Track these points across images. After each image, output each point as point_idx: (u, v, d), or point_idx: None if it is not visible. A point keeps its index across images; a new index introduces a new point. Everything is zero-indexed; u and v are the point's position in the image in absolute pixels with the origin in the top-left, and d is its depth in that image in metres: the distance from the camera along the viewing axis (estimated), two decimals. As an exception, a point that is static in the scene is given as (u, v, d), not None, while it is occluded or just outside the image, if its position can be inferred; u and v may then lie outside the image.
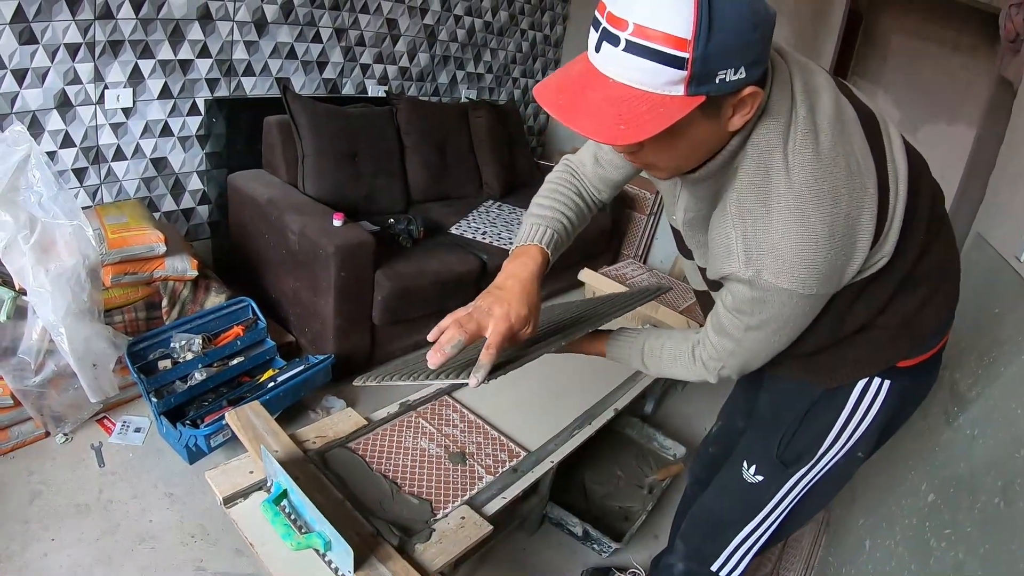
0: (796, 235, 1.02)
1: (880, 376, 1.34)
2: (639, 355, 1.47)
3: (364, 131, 3.51)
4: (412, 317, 3.20)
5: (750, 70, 0.90)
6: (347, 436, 2.02)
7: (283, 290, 3.12)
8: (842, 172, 1.04)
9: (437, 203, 3.92)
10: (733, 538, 1.62)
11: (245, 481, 1.75)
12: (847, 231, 1.05)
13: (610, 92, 0.92)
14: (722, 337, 1.25)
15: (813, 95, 1.07)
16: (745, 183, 1.06)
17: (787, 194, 1.02)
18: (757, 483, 1.52)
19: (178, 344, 2.59)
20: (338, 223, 2.88)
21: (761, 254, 1.05)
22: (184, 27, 3.04)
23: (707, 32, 0.84)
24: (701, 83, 0.88)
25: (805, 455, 1.45)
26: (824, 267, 1.04)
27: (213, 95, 3.28)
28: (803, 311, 1.12)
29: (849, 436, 1.40)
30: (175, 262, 2.67)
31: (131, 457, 2.44)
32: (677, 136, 0.96)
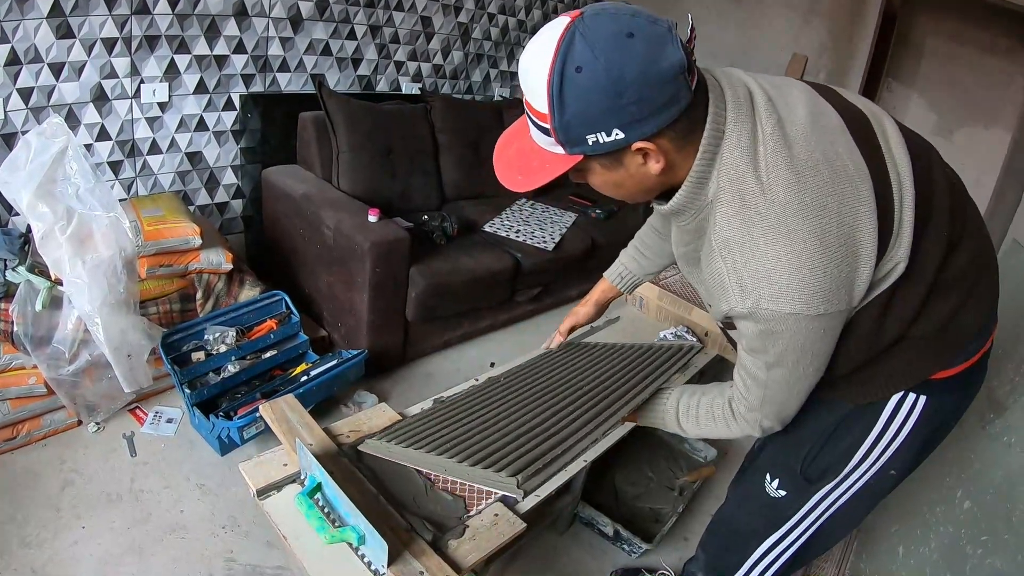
0: (786, 255, 0.99)
1: (915, 391, 1.26)
2: (674, 417, 1.47)
3: (398, 128, 3.50)
4: (445, 315, 3.19)
5: (629, 130, 0.96)
6: (381, 431, 1.97)
7: (317, 285, 3.12)
8: (825, 179, 1.01)
9: (471, 201, 3.91)
10: (754, 550, 1.58)
11: (279, 474, 1.74)
12: (844, 239, 1.01)
13: (522, 145, 1.07)
14: (749, 384, 1.23)
15: (783, 109, 1.07)
16: (724, 215, 1.05)
17: (767, 214, 1.00)
18: (780, 498, 1.48)
19: (212, 336, 2.58)
20: (374, 219, 2.87)
21: (756, 282, 1.02)
22: (220, 23, 3.05)
23: (559, 107, 0.95)
24: (573, 145, 1.00)
25: (830, 472, 1.39)
26: (825, 282, 1.00)
27: (248, 91, 3.29)
28: (818, 335, 1.07)
29: (880, 454, 1.33)
30: (210, 255, 2.67)
31: (163, 448, 2.45)
32: (600, 179, 1.09)
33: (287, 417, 1.91)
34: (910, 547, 1.89)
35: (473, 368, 3.22)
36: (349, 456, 1.84)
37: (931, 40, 4.78)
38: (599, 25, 0.93)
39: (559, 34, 0.94)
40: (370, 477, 1.77)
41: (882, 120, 1.16)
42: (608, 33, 0.92)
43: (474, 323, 3.44)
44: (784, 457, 1.39)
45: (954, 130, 4.76)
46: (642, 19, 0.94)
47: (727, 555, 1.66)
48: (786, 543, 1.52)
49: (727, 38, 4.53)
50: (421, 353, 3.26)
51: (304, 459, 1.67)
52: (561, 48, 0.93)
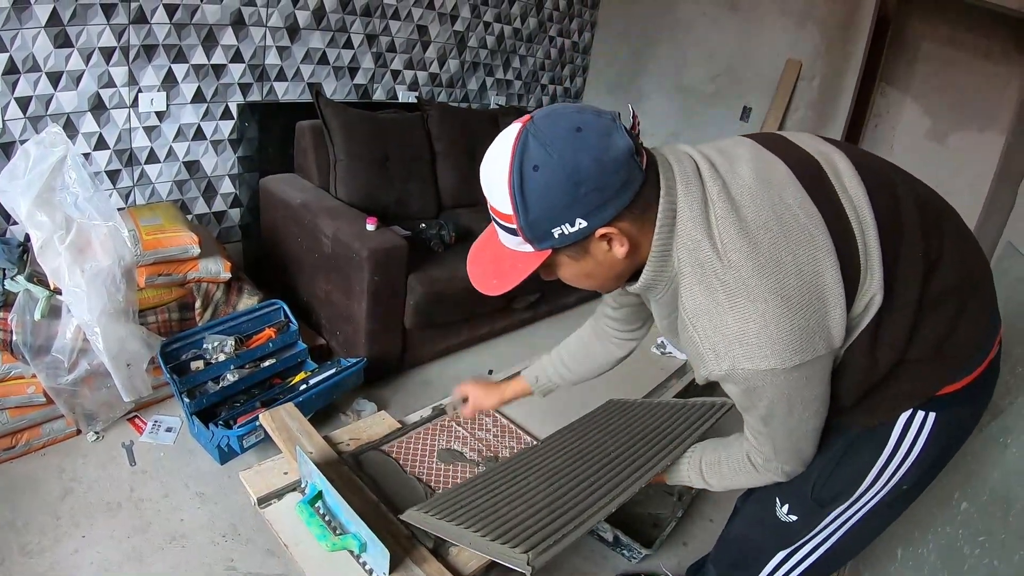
0: (751, 315, 1.01)
1: (924, 408, 1.23)
2: (699, 474, 1.49)
3: (395, 136, 3.49)
4: (444, 322, 3.19)
5: (591, 218, 1.00)
6: (381, 439, 2.02)
7: (315, 293, 3.11)
8: (776, 235, 1.04)
9: (468, 209, 3.88)
10: (765, 566, 1.56)
11: (279, 482, 1.75)
12: (807, 289, 1.03)
13: (494, 250, 1.13)
14: (758, 436, 1.25)
15: (726, 172, 1.11)
16: (688, 285, 1.07)
17: (727, 278, 1.03)
18: (791, 522, 1.46)
19: (211, 345, 2.59)
20: (371, 227, 2.86)
21: (728, 346, 1.04)
22: (217, 32, 3.05)
23: (523, 206, 0.99)
24: (541, 241, 1.03)
25: (842, 495, 1.37)
26: (795, 334, 1.02)
27: (246, 99, 3.29)
28: (801, 383, 1.08)
29: (892, 475, 1.30)
30: (208, 264, 2.67)
31: (162, 456, 2.44)
32: (570, 271, 1.12)
33: (287, 425, 1.93)
34: (908, 549, 1.87)
35: (471, 375, 3.11)
36: (350, 464, 1.86)
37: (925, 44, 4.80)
38: (549, 125, 0.98)
39: (513, 139, 0.99)
40: (371, 485, 1.79)
41: (832, 159, 1.17)
42: (559, 131, 0.98)
43: (472, 330, 3.44)
44: (794, 482, 1.35)
45: (948, 134, 4.79)
46: (588, 114, 1.00)
47: (738, 571, 1.66)
48: (798, 557, 1.50)
49: (723, 45, 4.55)
50: (419, 360, 3.25)
51: (305, 467, 1.67)
52: (517, 151, 0.98)
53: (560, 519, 1.38)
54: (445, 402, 1.96)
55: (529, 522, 1.38)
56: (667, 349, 2.97)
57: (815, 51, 4.24)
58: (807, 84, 4.32)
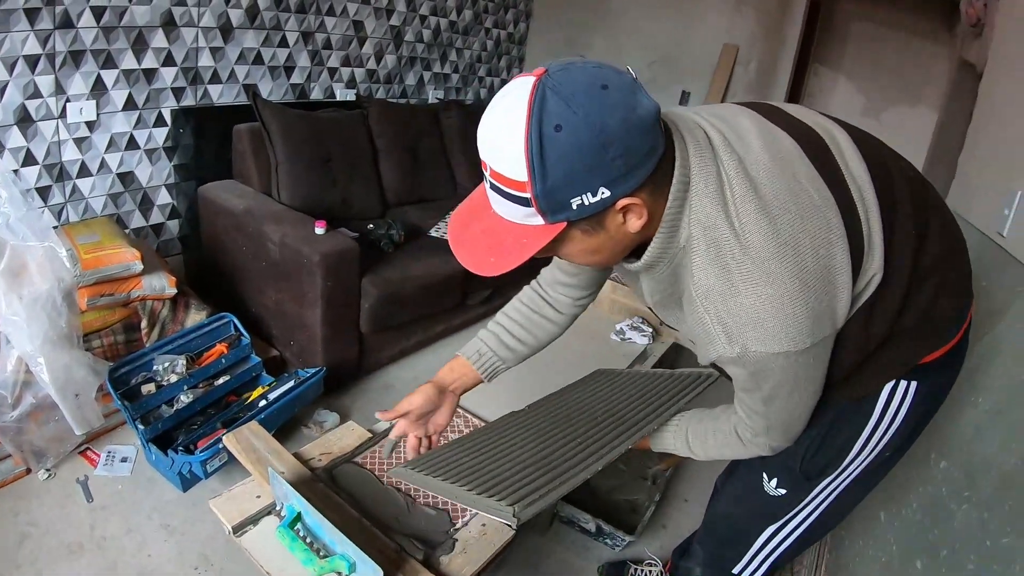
0: (768, 298, 0.98)
1: (907, 378, 1.25)
2: (684, 442, 1.47)
3: (336, 136, 3.44)
4: (400, 323, 3.15)
5: (615, 186, 0.91)
6: (353, 451, 1.94)
7: (264, 303, 3.02)
8: (794, 216, 1.00)
9: (413, 206, 3.88)
10: (754, 541, 1.57)
11: (253, 507, 1.66)
12: (821, 273, 1.01)
13: (488, 223, 1.01)
14: (750, 415, 1.23)
15: (739, 145, 1.05)
16: (700, 265, 1.02)
17: (745, 260, 0.99)
18: (779, 496, 1.47)
19: (161, 366, 2.46)
20: (321, 231, 2.80)
21: (741, 328, 1.00)
22: (147, 35, 2.92)
23: (541, 172, 0.88)
24: (556, 212, 0.93)
25: (830, 467, 1.38)
26: (810, 317, 1.00)
27: (179, 104, 3.17)
28: (808, 364, 1.07)
29: (877, 444, 1.33)
30: (152, 280, 2.55)
31: (120, 489, 2.31)
32: (577, 247, 1.03)
33: (253, 446, 1.84)
34: (891, 510, 1.90)
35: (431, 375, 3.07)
36: (324, 481, 1.79)
37: (855, 25, 4.96)
38: (570, 79, 0.89)
39: (528, 93, 0.88)
40: (349, 501, 1.72)
41: (834, 134, 1.15)
42: (582, 86, 0.88)
43: (428, 329, 3.41)
44: (781, 457, 1.36)
45: (882, 111, 4.94)
46: (609, 70, 0.91)
47: (726, 549, 1.65)
48: (787, 531, 1.52)
49: (659, 31, 4.59)
50: (378, 364, 3.22)
51: (279, 489, 1.59)
52: (534, 107, 0.87)
53: (547, 475, 1.34)
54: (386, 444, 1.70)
55: (516, 478, 1.33)
56: (626, 336, 2.95)
57: (751, 35, 4.32)
58: (744, 68, 4.39)
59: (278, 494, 1.62)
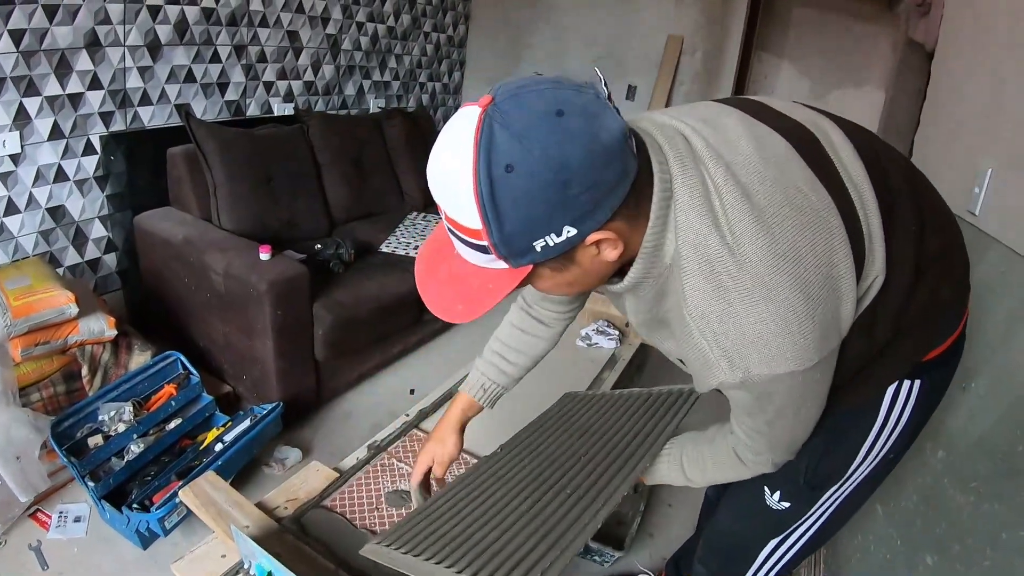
0: (770, 315, 0.90)
1: (909, 377, 1.19)
2: (680, 472, 1.41)
3: (276, 153, 3.31)
4: (356, 347, 3.05)
5: (582, 223, 0.83)
6: (320, 494, 1.84)
7: (212, 337, 2.88)
8: (792, 223, 0.92)
9: (361, 221, 3.79)
10: (757, 555, 1.51)
11: (219, 568, 1.55)
12: (824, 282, 0.93)
13: (452, 266, 0.94)
14: (751, 436, 1.17)
15: (726, 149, 0.97)
16: (693, 286, 0.93)
17: (741, 277, 0.90)
18: (783, 509, 1.40)
19: (107, 416, 2.29)
20: (266, 256, 2.67)
21: (742, 351, 0.92)
22: (71, 57, 2.74)
23: (495, 218, 0.81)
24: (519, 257, 0.86)
25: (835, 475, 1.32)
26: (816, 331, 0.92)
27: (108, 130, 2.99)
28: (816, 379, 1.00)
29: (882, 446, 1.27)
30: (90, 323, 2.38)
31: (76, 552, 2.13)
32: (550, 282, 0.95)
33: (212, 499, 1.74)
34: (889, 504, 1.89)
35: (392, 398, 3.12)
36: (293, 531, 1.68)
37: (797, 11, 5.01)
38: (520, 109, 0.79)
39: (472, 129, 0.79)
40: (322, 550, 1.63)
41: (826, 129, 1.08)
42: (535, 116, 0.78)
43: (386, 351, 3.32)
44: (783, 470, 1.29)
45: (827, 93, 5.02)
46: (567, 91, 0.81)
47: (730, 566, 1.60)
48: (791, 541, 1.47)
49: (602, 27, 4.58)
50: (336, 392, 3.10)
51: (245, 546, 1.48)
52: (481, 147, 0.78)
53: (543, 541, 1.22)
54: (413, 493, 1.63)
55: (509, 548, 1.21)
56: (592, 341, 2.91)
57: (695, 25, 4.33)
58: (690, 58, 4.39)
59: (244, 552, 1.50)
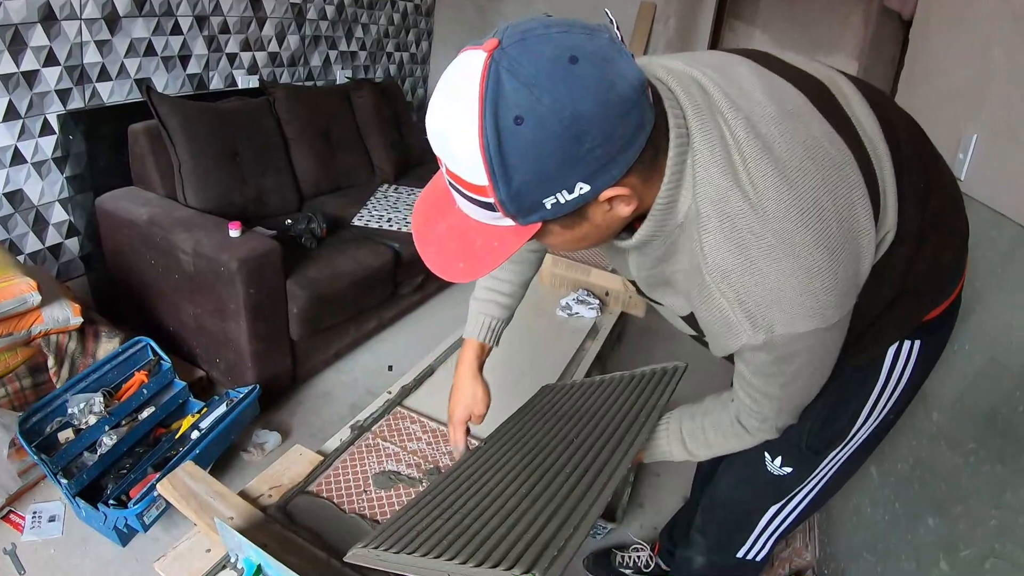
0: (794, 272, 0.87)
1: (909, 338, 1.19)
2: (681, 445, 1.36)
3: (242, 127, 3.21)
4: (332, 324, 2.99)
5: (596, 179, 0.78)
6: (305, 479, 1.76)
7: (182, 320, 2.79)
8: (814, 176, 0.89)
9: (330, 195, 3.73)
10: (758, 523, 1.50)
11: (204, 564, 1.48)
12: (845, 236, 0.91)
13: (454, 222, 0.89)
14: (759, 402, 1.13)
15: (742, 99, 0.92)
16: (713, 245, 0.90)
17: (764, 234, 0.87)
18: (785, 474, 1.39)
19: (76, 408, 2.20)
20: (236, 233, 2.58)
21: (765, 310, 0.90)
22: (25, 32, 2.60)
23: (503, 174, 0.76)
24: (528, 214, 0.81)
25: (837, 439, 1.32)
26: (838, 288, 0.90)
27: (66, 108, 2.85)
28: (834, 338, 0.98)
29: (883, 408, 1.27)
30: (54, 311, 2.27)
31: (53, 553, 2.04)
32: (559, 239, 0.91)
33: (192, 490, 1.64)
34: (883, 466, 1.90)
35: (370, 376, 3.11)
36: (279, 519, 1.61)
37: None
38: (529, 55, 0.72)
39: (477, 77, 0.73)
40: (311, 538, 1.56)
41: (838, 82, 1.04)
42: (545, 63, 0.72)
43: (361, 327, 3.27)
44: (786, 436, 1.27)
45: None
46: (579, 34, 0.74)
47: (730, 534, 1.59)
48: (791, 507, 1.46)
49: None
50: (312, 372, 3.05)
51: (230, 539, 1.40)
52: (487, 97, 0.72)
53: (550, 523, 1.14)
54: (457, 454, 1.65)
55: (513, 534, 1.13)
56: (573, 311, 2.86)
57: None
58: (663, 26, 4.38)
59: (230, 545, 1.42)
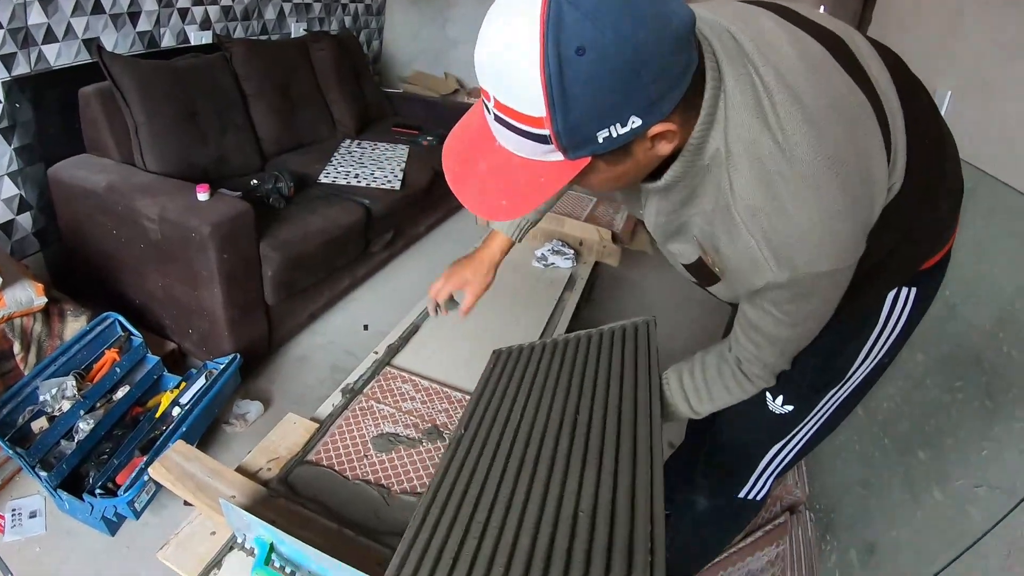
0: (819, 214, 0.91)
1: (907, 285, 1.24)
2: (685, 404, 1.38)
3: (199, 85, 3.07)
4: (305, 286, 2.92)
5: (648, 114, 0.80)
6: (303, 449, 1.69)
7: (149, 291, 2.66)
8: (839, 126, 0.93)
9: (293, 152, 3.63)
10: (759, 463, 1.56)
11: (211, 547, 1.41)
12: (863, 185, 0.95)
13: (495, 159, 0.89)
14: (762, 347, 1.17)
15: (771, 53, 0.94)
16: (743, 184, 0.93)
17: (792, 175, 0.90)
18: (786, 413, 1.43)
19: (48, 394, 2.09)
20: (204, 197, 2.45)
21: (790, 249, 0.93)
22: (-39, -5, 2.40)
23: (562, 106, 0.76)
24: (579, 148, 0.82)
25: (836, 378, 1.36)
26: (856, 231, 0.96)
27: (11, 75, 2.67)
28: (843, 282, 1.03)
29: (880, 351, 1.32)
30: (16, 293, 2.13)
31: (39, 552, 1.93)
32: (600, 177, 0.91)
33: (187, 471, 1.55)
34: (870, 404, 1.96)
35: (346, 336, 3.09)
36: (283, 493, 1.54)
37: None
38: None
39: (538, 8, 0.73)
40: (319, 509, 1.50)
41: (853, 38, 1.07)
42: None
43: (334, 287, 3.22)
44: (787, 375, 1.31)
45: None
46: None
47: (731, 475, 1.63)
48: (791, 446, 1.50)
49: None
50: (287, 336, 2.98)
51: (237, 520, 1.33)
52: (549, 26, 0.73)
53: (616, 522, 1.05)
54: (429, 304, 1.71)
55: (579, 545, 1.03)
56: (549, 261, 2.82)
57: None
58: None
59: (237, 525, 1.36)
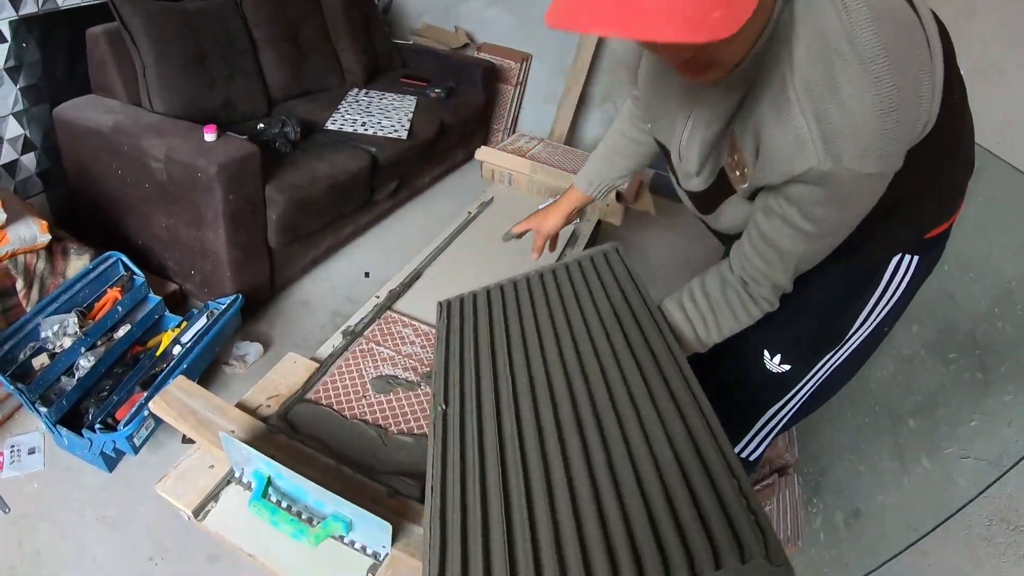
0: (872, 105, 0.87)
1: (911, 252, 1.25)
2: (691, 332, 1.29)
3: (208, 29, 3.02)
4: (309, 231, 2.92)
5: None
6: (303, 387, 1.68)
7: (153, 232, 2.67)
8: (895, 25, 0.90)
9: (300, 99, 3.57)
10: (756, 422, 1.57)
11: (209, 481, 1.41)
12: (912, 94, 0.91)
13: None
14: (773, 263, 1.12)
15: None
16: (803, 56, 0.90)
17: (851, 58, 0.87)
18: (783, 372, 1.44)
19: (50, 331, 2.09)
20: (211, 137, 2.43)
21: (841, 137, 0.89)
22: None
23: None
24: None
25: (835, 339, 1.37)
26: (901, 137, 0.91)
27: (18, 14, 2.62)
28: (876, 195, 0.98)
29: (878, 315, 1.33)
30: (20, 230, 2.13)
31: (37, 488, 1.95)
32: None
33: (189, 407, 1.54)
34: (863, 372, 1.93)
35: (347, 283, 3.12)
36: (282, 429, 1.54)
37: None
38: None
39: None
40: (317, 446, 1.50)
41: None
42: None
43: (337, 233, 3.22)
44: (786, 331, 1.35)
45: None
46: None
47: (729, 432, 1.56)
48: (787, 408, 1.52)
49: None
50: (289, 280, 3.01)
51: (237, 453, 1.33)
52: None
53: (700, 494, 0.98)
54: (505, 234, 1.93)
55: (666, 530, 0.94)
56: None
57: None
58: None
59: (236, 459, 1.37)
